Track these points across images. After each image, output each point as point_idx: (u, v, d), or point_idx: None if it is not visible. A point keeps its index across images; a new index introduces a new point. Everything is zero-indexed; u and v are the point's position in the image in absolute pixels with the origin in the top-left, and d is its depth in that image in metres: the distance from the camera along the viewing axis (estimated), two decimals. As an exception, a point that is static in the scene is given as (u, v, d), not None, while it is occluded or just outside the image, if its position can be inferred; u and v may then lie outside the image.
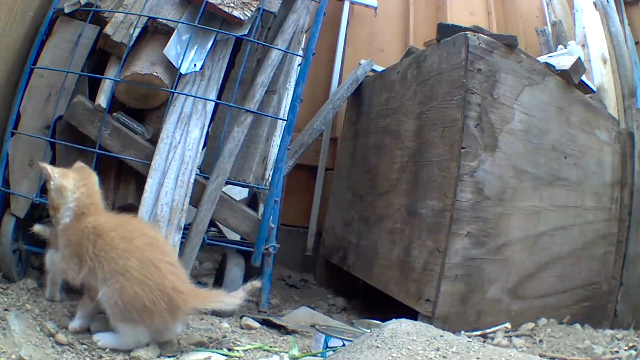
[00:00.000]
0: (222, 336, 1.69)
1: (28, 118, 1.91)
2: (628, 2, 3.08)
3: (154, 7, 1.97)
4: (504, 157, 2.05)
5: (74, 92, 1.94)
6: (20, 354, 1.27)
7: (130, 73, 1.86)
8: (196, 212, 1.88)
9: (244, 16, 1.97)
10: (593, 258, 2.29)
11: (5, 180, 1.87)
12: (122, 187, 1.96)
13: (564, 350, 1.83)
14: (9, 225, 1.82)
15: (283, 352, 1.57)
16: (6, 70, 1.92)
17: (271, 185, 2.06)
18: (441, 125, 2.10)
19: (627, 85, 2.76)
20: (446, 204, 1.99)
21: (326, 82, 3.43)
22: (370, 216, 2.58)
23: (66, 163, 1.91)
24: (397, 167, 2.38)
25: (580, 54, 2.67)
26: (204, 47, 1.98)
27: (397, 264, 2.23)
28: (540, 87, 2.14)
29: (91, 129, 1.86)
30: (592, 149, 2.29)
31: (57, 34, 1.98)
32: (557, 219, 2.18)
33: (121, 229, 1.46)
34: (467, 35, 2.02)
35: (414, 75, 2.39)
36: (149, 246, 1.46)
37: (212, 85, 1.98)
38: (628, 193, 2.36)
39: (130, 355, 1.41)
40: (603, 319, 2.30)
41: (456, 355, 1.30)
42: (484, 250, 2.01)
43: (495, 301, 2.05)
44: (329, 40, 3.45)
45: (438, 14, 3.76)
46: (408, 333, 1.40)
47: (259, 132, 2.06)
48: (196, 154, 1.88)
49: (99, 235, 1.43)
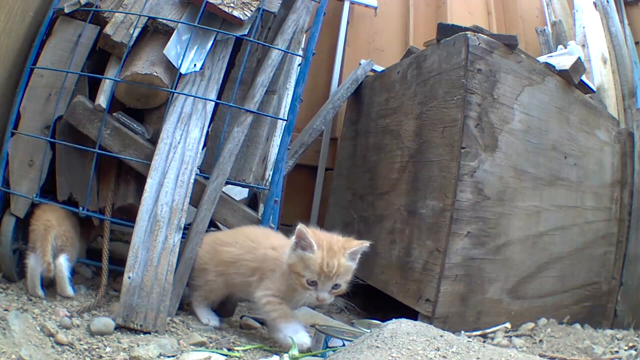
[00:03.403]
0: (222, 336, 1.69)
1: (28, 118, 1.91)
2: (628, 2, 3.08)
3: (154, 7, 1.97)
4: (504, 157, 2.05)
5: (74, 92, 1.94)
6: (20, 354, 1.27)
7: (130, 73, 1.86)
8: (196, 212, 1.88)
9: (244, 16, 1.97)
10: (593, 258, 2.29)
11: (5, 180, 1.87)
12: (122, 187, 1.96)
13: (564, 350, 1.83)
14: (9, 225, 1.83)
15: (283, 352, 1.57)
16: (6, 70, 1.92)
17: (271, 185, 2.06)
18: (441, 125, 2.10)
19: (627, 85, 2.76)
20: (446, 204, 1.99)
21: (326, 82, 3.43)
22: (370, 216, 2.58)
23: (66, 163, 1.91)
24: (397, 167, 2.38)
25: (580, 54, 2.67)
26: (204, 47, 1.98)
27: (397, 264, 2.23)
28: (540, 87, 2.14)
29: (91, 129, 1.86)
30: (592, 149, 2.29)
31: (57, 34, 1.98)
32: (557, 219, 2.18)
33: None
34: (467, 35, 2.02)
35: (414, 75, 2.39)
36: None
37: (212, 85, 1.99)
38: (628, 193, 2.36)
39: (131, 355, 1.41)
40: (603, 319, 2.30)
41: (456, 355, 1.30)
42: (484, 250, 2.01)
43: (495, 301, 2.05)
44: (329, 40, 3.45)
45: (438, 14, 3.76)
46: (408, 333, 1.40)
47: (259, 132, 2.06)
48: (196, 154, 1.88)
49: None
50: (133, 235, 1.72)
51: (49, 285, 1.75)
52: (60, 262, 1.73)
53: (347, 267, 1.59)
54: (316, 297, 1.59)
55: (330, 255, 1.57)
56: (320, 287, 1.59)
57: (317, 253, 1.57)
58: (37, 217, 1.79)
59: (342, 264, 1.58)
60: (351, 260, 1.61)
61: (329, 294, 1.60)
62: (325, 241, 1.60)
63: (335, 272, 1.57)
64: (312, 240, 1.57)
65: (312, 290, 1.59)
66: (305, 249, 1.58)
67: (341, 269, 1.58)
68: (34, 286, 1.72)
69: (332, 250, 1.58)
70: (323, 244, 1.59)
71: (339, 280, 1.60)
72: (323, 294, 1.59)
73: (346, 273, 1.61)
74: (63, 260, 1.74)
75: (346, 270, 1.60)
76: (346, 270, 1.60)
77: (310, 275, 1.58)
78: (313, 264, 1.57)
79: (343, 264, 1.58)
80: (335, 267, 1.56)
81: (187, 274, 1.81)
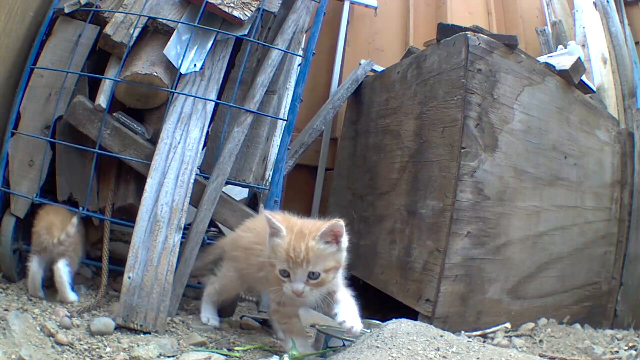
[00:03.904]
0: (222, 336, 1.69)
1: (28, 118, 1.91)
2: (628, 2, 3.08)
3: (154, 7, 1.97)
4: (504, 157, 2.05)
5: (74, 92, 1.94)
6: (20, 354, 1.27)
7: (130, 73, 1.86)
8: (196, 212, 1.88)
9: (244, 16, 1.97)
10: (593, 258, 2.29)
11: (5, 180, 1.87)
12: (122, 187, 1.96)
13: (564, 350, 1.83)
14: (9, 225, 1.83)
15: (283, 352, 1.57)
16: (6, 70, 1.92)
17: (271, 185, 2.06)
18: (441, 125, 2.10)
19: (627, 85, 2.76)
20: (446, 204, 1.99)
21: (326, 82, 3.43)
22: (370, 216, 2.58)
23: (66, 163, 1.91)
24: (397, 167, 2.38)
25: (580, 54, 2.67)
26: (204, 47, 1.98)
27: (397, 264, 2.23)
28: (540, 87, 2.14)
29: (91, 129, 1.86)
30: (592, 149, 2.29)
31: (57, 34, 1.98)
32: (557, 219, 2.18)
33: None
34: (467, 35, 2.02)
35: (414, 75, 2.39)
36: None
37: (212, 85, 1.99)
38: (628, 193, 2.36)
39: (131, 355, 1.41)
40: (603, 319, 2.30)
41: (456, 355, 1.30)
42: (484, 250, 2.01)
43: (495, 301, 2.05)
44: (329, 40, 3.45)
45: (438, 14, 3.76)
46: (408, 333, 1.40)
47: (259, 132, 2.06)
48: (196, 154, 1.88)
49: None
50: (133, 235, 1.72)
51: (50, 286, 1.75)
52: (59, 267, 1.72)
53: (319, 251, 1.40)
54: (291, 289, 1.41)
55: (298, 239, 1.40)
56: (293, 276, 1.41)
57: (285, 238, 1.41)
58: (40, 218, 1.78)
59: (311, 247, 1.39)
60: (326, 244, 1.42)
61: (306, 285, 1.41)
62: (297, 226, 1.44)
63: (304, 257, 1.39)
64: (279, 225, 1.42)
65: (287, 283, 1.43)
66: (276, 236, 1.44)
67: (311, 253, 1.39)
68: (35, 289, 1.72)
69: (301, 234, 1.41)
70: (294, 228, 1.43)
71: (315, 268, 1.40)
72: (297, 285, 1.40)
73: (321, 259, 1.41)
74: (62, 266, 1.72)
75: (320, 255, 1.41)
76: (320, 255, 1.40)
77: (280, 264, 1.42)
78: (280, 251, 1.41)
79: (313, 247, 1.39)
80: (303, 251, 1.38)
81: (187, 273, 1.81)
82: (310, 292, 1.42)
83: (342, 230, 1.43)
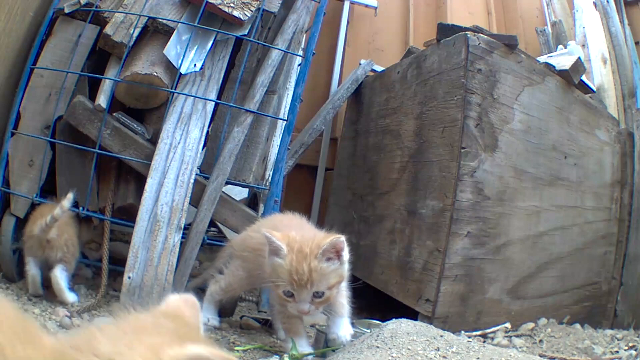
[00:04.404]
0: (222, 336, 1.69)
1: (28, 118, 1.91)
2: (628, 2, 3.08)
3: (154, 7, 1.97)
4: (504, 157, 2.05)
5: (74, 92, 1.94)
6: (20, 354, 1.27)
7: (130, 73, 1.86)
8: (196, 212, 1.88)
9: (244, 16, 1.97)
10: (593, 258, 2.28)
11: (5, 180, 1.87)
12: (122, 187, 1.96)
13: (564, 350, 1.83)
14: (9, 225, 1.83)
15: (283, 352, 1.57)
16: (6, 70, 1.92)
17: (271, 185, 2.06)
18: (441, 125, 2.10)
19: (627, 85, 2.76)
20: (446, 204, 1.99)
21: (326, 82, 3.43)
22: (370, 216, 2.58)
23: (66, 163, 1.91)
24: (397, 167, 2.38)
25: (580, 54, 2.67)
26: (204, 47, 1.98)
27: (397, 264, 2.23)
28: (540, 87, 2.14)
29: (91, 129, 1.86)
30: (592, 149, 2.29)
31: (57, 34, 1.98)
32: (557, 219, 2.18)
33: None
34: (467, 35, 2.02)
35: (414, 75, 2.39)
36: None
37: (212, 85, 1.98)
38: (628, 193, 2.36)
39: (130, 355, 1.40)
40: (603, 319, 2.30)
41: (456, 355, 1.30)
42: (484, 250, 2.01)
43: (495, 301, 2.05)
44: (329, 40, 3.45)
45: (438, 14, 3.76)
46: (408, 333, 1.40)
47: (259, 132, 2.06)
48: (196, 154, 1.88)
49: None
50: (133, 235, 1.72)
51: (49, 286, 1.75)
52: (56, 274, 1.72)
53: (322, 270, 1.37)
54: (296, 309, 1.39)
55: (299, 260, 1.36)
56: (297, 297, 1.39)
57: (286, 258, 1.37)
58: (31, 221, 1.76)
59: (314, 268, 1.36)
60: (328, 261, 1.39)
61: (312, 305, 1.39)
62: (298, 243, 1.39)
63: (308, 278, 1.36)
64: (279, 243, 1.38)
65: (291, 302, 1.40)
66: (276, 255, 1.40)
67: (314, 274, 1.36)
68: (36, 289, 1.71)
69: (302, 253, 1.37)
70: (294, 246, 1.39)
71: (319, 288, 1.38)
72: (303, 306, 1.38)
73: (325, 278, 1.38)
74: (59, 272, 1.72)
75: (323, 274, 1.38)
76: (323, 274, 1.38)
77: (284, 285, 1.38)
78: (282, 272, 1.38)
79: (316, 267, 1.36)
80: (307, 273, 1.35)
81: (188, 273, 1.81)
82: (316, 310, 1.42)
83: (344, 245, 1.41)
